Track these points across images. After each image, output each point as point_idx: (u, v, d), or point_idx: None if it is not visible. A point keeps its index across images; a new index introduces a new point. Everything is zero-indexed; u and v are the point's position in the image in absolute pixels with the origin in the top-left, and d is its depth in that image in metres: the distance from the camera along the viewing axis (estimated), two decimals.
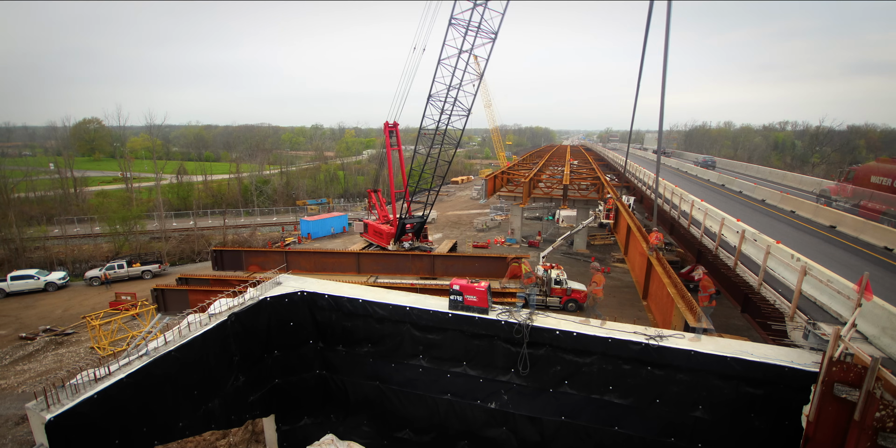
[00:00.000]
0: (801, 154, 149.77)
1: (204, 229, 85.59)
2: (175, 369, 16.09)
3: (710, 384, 15.93)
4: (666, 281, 23.77)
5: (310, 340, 22.13)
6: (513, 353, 18.62)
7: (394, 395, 21.37)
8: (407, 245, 48.15)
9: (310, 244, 77.33)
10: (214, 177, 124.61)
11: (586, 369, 17.69)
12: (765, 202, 44.58)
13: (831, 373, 12.31)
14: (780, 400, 15.06)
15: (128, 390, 14.47)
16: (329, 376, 22.53)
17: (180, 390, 16.39)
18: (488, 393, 19.58)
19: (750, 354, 15.52)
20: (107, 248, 76.16)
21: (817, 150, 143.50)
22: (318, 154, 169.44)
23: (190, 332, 17.34)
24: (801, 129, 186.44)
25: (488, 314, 18.93)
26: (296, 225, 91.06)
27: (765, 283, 21.36)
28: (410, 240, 48.88)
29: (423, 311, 19.81)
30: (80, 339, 41.38)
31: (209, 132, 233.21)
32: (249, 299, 20.48)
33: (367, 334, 21.19)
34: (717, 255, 27.50)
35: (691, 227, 33.69)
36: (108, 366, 14.63)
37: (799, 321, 17.43)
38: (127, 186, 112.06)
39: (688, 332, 17.58)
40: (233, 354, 19.01)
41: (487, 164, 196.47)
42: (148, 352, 15.76)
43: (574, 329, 17.68)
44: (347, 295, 21.17)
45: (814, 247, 27.82)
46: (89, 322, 38.52)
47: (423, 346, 20.28)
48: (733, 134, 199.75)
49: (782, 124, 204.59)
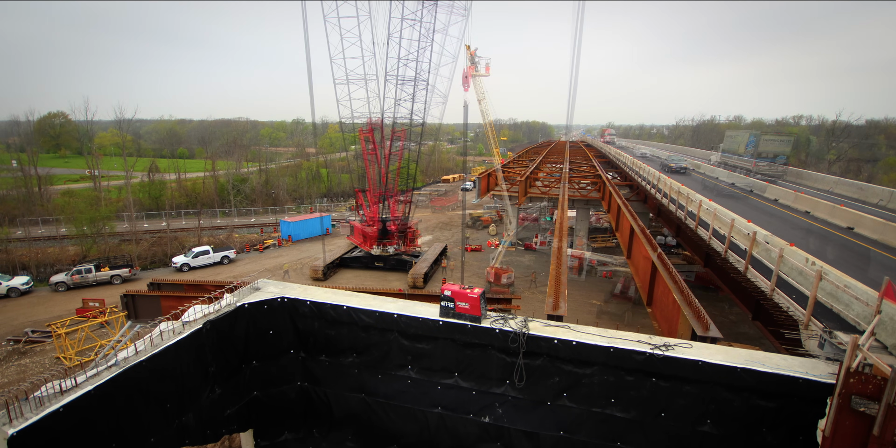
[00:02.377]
0: (817, 150, 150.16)
1: (177, 231, 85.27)
2: (146, 381, 15.95)
3: (719, 397, 15.90)
4: (672, 286, 23.74)
5: (291, 350, 22.01)
6: (508, 364, 18.56)
7: (380, 409, 21.27)
8: (391, 249, 47.90)
9: (291, 247, 77.19)
10: (189, 175, 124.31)
11: (586, 381, 17.63)
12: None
13: (849, 385, 12.28)
14: (794, 413, 15.05)
15: (96, 403, 14.33)
16: (311, 388, 22.41)
17: (152, 403, 16.24)
18: (482, 406, 19.51)
19: (761, 365, 15.49)
20: (73, 251, 75.67)
21: (833, 146, 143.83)
22: (300, 150, 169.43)
23: (162, 341, 17.19)
24: (817, 123, 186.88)
25: (482, 322, 18.85)
26: (276, 226, 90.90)
27: (777, 288, 21.36)
28: (395, 244, 48.56)
29: (411, 318, 19.72)
30: (45, 349, 41.12)
31: (183, 127, 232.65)
32: (226, 306, 20.35)
33: (351, 343, 21.09)
34: (726, 258, 27.49)
35: (699, 228, 33.70)
36: (75, 377, 14.48)
37: (814, 329, 17.43)
38: (95, 185, 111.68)
39: (696, 341, 17.56)
40: (208, 365, 18.87)
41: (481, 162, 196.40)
42: (117, 362, 15.60)
43: (574, 338, 17.61)
44: (331, 301, 21.06)
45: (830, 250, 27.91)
46: (55, 330, 38.27)
47: (412, 355, 20.20)
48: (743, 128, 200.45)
49: (796, 119, 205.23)
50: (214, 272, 64.61)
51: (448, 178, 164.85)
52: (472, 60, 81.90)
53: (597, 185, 63.47)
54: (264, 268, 65.11)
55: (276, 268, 63.82)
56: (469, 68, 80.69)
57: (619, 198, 45.57)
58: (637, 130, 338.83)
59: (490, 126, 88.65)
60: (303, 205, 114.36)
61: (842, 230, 33.05)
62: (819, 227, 34.24)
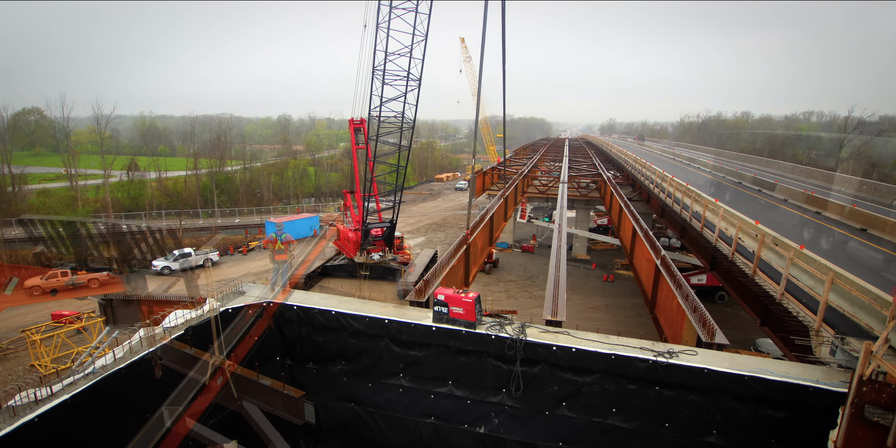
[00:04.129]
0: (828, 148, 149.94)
1: (158, 232, 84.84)
2: (125, 389, 15.88)
3: (725, 406, 15.89)
4: (676, 291, 23.72)
5: (276, 357, 21.95)
6: (504, 372, 18.52)
7: (371, 419, 21.22)
8: (377, 257, 47.68)
9: None
10: (169, 173, 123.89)
11: (587, 389, 17.61)
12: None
13: (861, 393, 12.27)
14: (804, 424, 15.05)
15: (72, 413, 14.26)
16: None
17: (131, 413, 16.18)
18: (477, 416, 19.47)
19: (770, 373, 15.48)
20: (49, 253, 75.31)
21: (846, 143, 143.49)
22: (286, 148, 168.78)
23: (142, 348, 17.13)
24: (828, 119, 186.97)
25: (477, 328, 18.81)
26: (261, 227, 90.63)
27: (787, 292, 21.32)
28: (381, 251, 48.30)
29: (403, 324, 19.67)
30: (19, 356, 40.90)
31: (164, 123, 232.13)
32: (208, 311, 20.27)
33: (340, 350, 21.04)
34: (733, 261, 27.46)
35: (704, 230, 33.66)
36: (51, 385, 14.42)
37: (825, 335, 17.41)
38: (72, 184, 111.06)
39: (701, 348, 17.54)
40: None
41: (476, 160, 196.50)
42: (95, 370, 15.54)
43: (573, 344, 17.59)
44: (319, 306, 21.01)
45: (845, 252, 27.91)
46: (29, 336, 38.05)
47: (404, 363, 20.15)
48: (751, 125, 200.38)
49: (807, 115, 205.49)
50: (196, 275, 64.41)
51: (441, 177, 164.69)
52: (466, 54, 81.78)
53: (597, 185, 63.52)
54: (249, 271, 64.96)
55: (265, 271, 63.64)
56: None
57: (620, 198, 45.60)
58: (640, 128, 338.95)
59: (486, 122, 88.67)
60: (289, 205, 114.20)
61: (854, 231, 33.07)
62: (831, 227, 34.26)
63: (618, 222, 44.72)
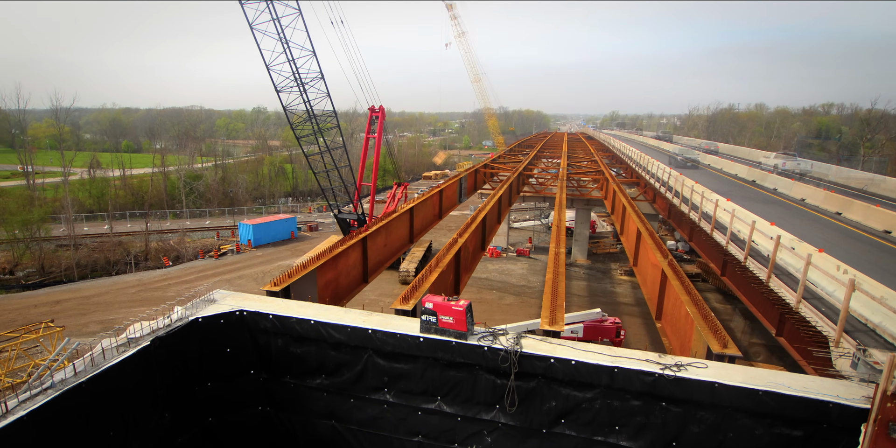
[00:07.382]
0: (849, 143, 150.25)
1: (122, 235, 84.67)
2: (86, 405, 15.74)
3: (737, 424, 15.86)
4: (684, 298, 23.67)
5: (251, 370, 21.82)
6: (498, 386, 18.45)
7: (353, 438, 21.13)
8: None
9: (251, 253, 76.82)
10: (135, 171, 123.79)
11: (587, 405, 17.55)
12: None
13: (886, 410, 12.26)
14: (824, 442, 15.04)
15: (29, 431, 14.11)
16: (274, 414, 22.22)
17: (93, 430, 16.04)
18: (468, 434, 19.41)
19: (786, 387, 15.45)
20: (3, 257, 75.07)
21: (869, 138, 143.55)
22: (261, 143, 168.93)
23: (104, 361, 16.96)
24: (849, 112, 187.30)
25: (468, 338, 18.71)
26: (234, 230, 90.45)
27: (804, 299, 21.36)
28: None
29: (388, 334, 19.55)
30: None
31: (128, 116, 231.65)
32: (177, 320, 20.10)
33: (320, 363, 20.92)
34: (745, 266, 27.50)
35: (714, 232, 33.71)
36: (5, 401, 14.28)
37: (846, 347, 17.45)
38: (28, 183, 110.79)
39: (711, 360, 17.52)
40: (157, 387, 18.64)
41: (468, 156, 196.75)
42: (53, 384, 15.39)
43: (573, 356, 17.52)
44: (296, 315, 20.87)
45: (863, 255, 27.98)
46: None
47: (389, 377, 20.05)
48: (766, 118, 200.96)
49: (826, 107, 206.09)
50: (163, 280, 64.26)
51: (430, 175, 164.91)
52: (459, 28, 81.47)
53: (599, 183, 63.57)
54: (221, 277, 64.82)
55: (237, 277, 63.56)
56: None
57: (624, 197, 45.57)
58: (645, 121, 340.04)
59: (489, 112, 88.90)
60: (265, 205, 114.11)
61: (878, 234, 33.17)
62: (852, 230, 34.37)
63: (621, 224, 44.74)
